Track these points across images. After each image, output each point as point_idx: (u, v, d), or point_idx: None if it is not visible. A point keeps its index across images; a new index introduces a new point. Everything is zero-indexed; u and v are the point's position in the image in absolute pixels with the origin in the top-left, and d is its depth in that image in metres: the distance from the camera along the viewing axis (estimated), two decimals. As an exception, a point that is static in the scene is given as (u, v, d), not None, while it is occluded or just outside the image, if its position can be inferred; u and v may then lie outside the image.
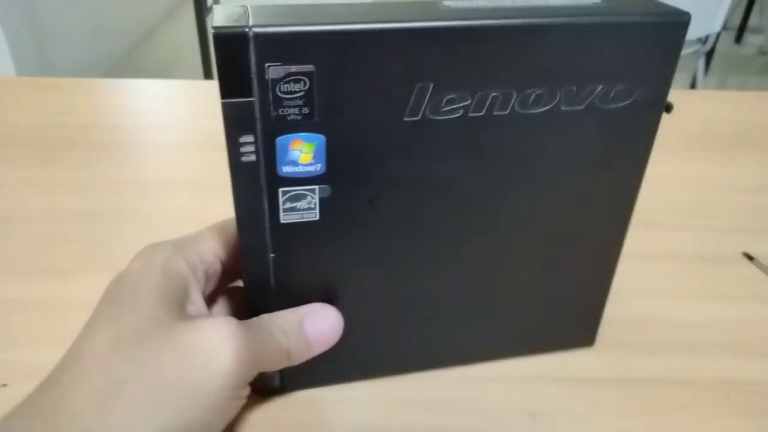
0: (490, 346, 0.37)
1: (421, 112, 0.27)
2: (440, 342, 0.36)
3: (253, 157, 0.27)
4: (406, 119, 0.27)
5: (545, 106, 0.28)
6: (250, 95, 0.25)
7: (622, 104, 0.29)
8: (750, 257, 0.47)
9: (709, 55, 1.88)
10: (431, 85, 0.27)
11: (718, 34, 1.76)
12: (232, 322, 0.28)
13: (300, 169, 0.27)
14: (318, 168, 0.28)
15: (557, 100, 0.28)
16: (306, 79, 0.25)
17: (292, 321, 0.31)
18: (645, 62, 0.29)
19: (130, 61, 2.48)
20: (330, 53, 0.25)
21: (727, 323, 0.42)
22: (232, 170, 0.27)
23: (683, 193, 0.55)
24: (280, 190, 0.28)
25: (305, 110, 0.26)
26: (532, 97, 0.28)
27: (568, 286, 0.36)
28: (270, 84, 0.25)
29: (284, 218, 0.29)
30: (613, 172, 0.32)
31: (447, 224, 0.31)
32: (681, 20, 0.28)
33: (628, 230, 0.34)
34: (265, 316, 0.31)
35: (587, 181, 0.32)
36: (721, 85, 2.51)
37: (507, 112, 0.28)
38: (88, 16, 2.25)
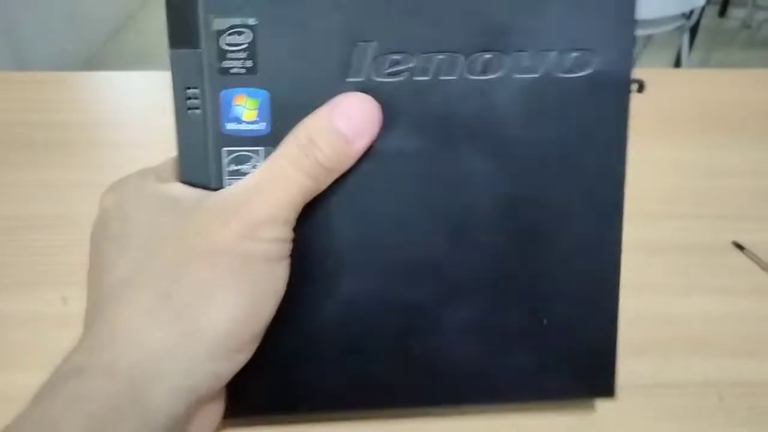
0: (470, 387, 0.31)
1: (365, 73, 0.27)
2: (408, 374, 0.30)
3: (198, 111, 0.27)
4: (349, 80, 0.27)
5: (496, 72, 0.27)
6: (197, 46, 0.26)
7: (579, 74, 0.27)
8: (740, 247, 0.45)
9: (694, 30, 1.85)
10: (373, 44, 0.26)
11: (703, 8, 1.73)
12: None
13: (244, 126, 0.27)
14: (263, 127, 0.27)
15: (509, 66, 0.27)
16: (249, 31, 0.26)
17: (315, 126, 0.26)
18: (595, 26, 0.27)
19: (109, 51, 2.42)
20: (270, 6, 0.26)
21: (718, 319, 0.39)
22: (178, 122, 0.27)
23: (667, 178, 0.52)
24: (224, 149, 0.27)
25: (248, 63, 0.26)
26: (481, 62, 0.27)
27: (561, 300, 0.30)
28: (215, 35, 0.26)
29: (228, 182, 0.27)
30: (587, 157, 0.29)
31: (403, 199, 0.28)
32: None
33: (621, 239, 0.29)
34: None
35: (557, 165, 0.28)
36: (705, 60, 2.49)
37: (455, 77, 0.27)
38: (61, 6, 2.19)
